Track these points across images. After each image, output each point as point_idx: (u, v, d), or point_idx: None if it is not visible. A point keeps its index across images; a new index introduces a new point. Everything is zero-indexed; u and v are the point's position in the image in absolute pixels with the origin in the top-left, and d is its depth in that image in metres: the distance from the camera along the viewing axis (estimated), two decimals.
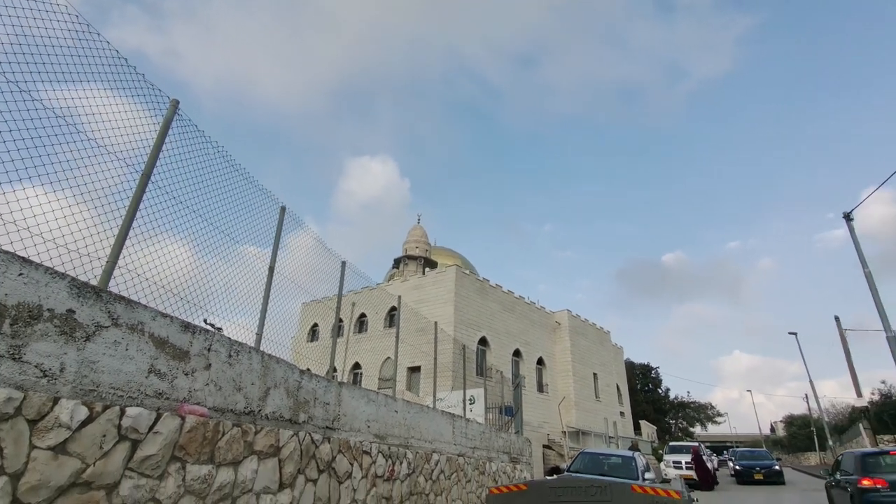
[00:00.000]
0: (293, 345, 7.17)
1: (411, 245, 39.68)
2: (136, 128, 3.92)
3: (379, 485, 6.21)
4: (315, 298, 7.33)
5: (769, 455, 23.46)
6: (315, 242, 7.21)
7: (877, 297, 16.34)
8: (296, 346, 7.47)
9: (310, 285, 6.75)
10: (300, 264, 6.59)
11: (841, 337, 20.83)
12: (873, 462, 9.84)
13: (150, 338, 3.52)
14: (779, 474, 20.36)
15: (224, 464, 3.70)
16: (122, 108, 3.78)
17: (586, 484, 4.74)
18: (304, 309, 18.24)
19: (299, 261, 6.58)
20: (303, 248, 6.81)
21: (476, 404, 16.70)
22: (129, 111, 3.89)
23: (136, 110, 3.99)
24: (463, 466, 9.38)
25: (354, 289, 11.16)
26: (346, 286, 7.94)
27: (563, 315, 36.91)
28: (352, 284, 8.23)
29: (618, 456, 11.05)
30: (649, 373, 61.23)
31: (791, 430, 51.24)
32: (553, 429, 28.33)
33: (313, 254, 7.05)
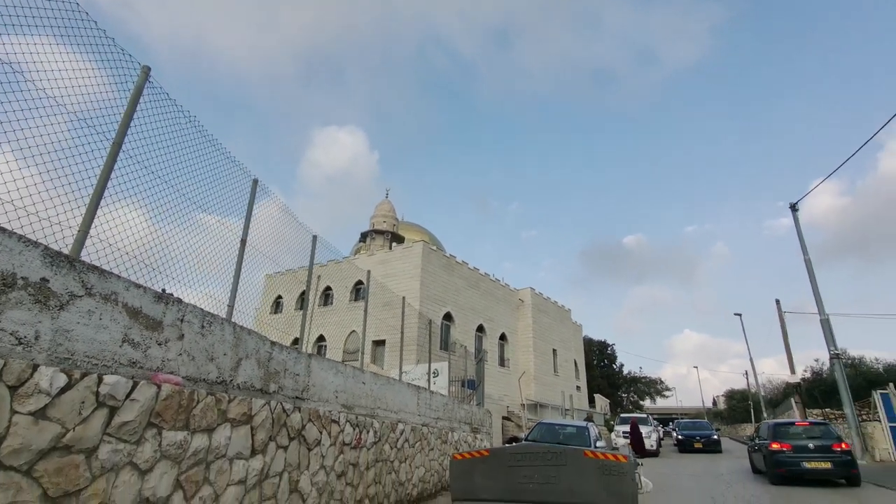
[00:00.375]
0: (256, 316, 7.08)
1: (379, 219, 39.45)
2: (105, 94, 3.83)
3: (346, 452, 6.44)
4: (279, 270, 7.16)
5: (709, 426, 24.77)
6: (281, 213, 7.01)
7: (814, 283, 17.63)
8: (259, 318, 7.41)
9: (275, 256, 6.57)
10: (265, 234, 6.36)
11: (780, 319, 22.40)
12: (782, 430, 12.02)
13: (124, 308, 3.54)
14: (716, 443, 21.88)
15: (199, 430, 3.81)
16: (91, 74, 3.68)
17: (543, 450, 5.11)
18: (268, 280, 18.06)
19: (264, 231, 6.36)
20: (268, 219, 6.56)
21: (440, 377, 17.16)
22: (98, 76, 3.79)
23: (105, 76, 3.89)
24: (426, 436, 9.75)
25: (320, 262, 11.15)
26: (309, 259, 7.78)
27: (527, 293, 37.87)
28: (318, 257, 8.12)
29: (572, 426, 11.74)
30: (606, 349, 63.92)
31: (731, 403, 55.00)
32: (513, 401, 29.40)
33: (279, 224, 6.82)
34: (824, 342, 17.59)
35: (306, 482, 5.42)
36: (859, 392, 20.54)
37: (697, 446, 21.73)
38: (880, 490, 10.33)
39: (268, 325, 8.62)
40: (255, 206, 6.24)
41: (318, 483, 5.66)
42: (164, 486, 3.44)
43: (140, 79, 4.09)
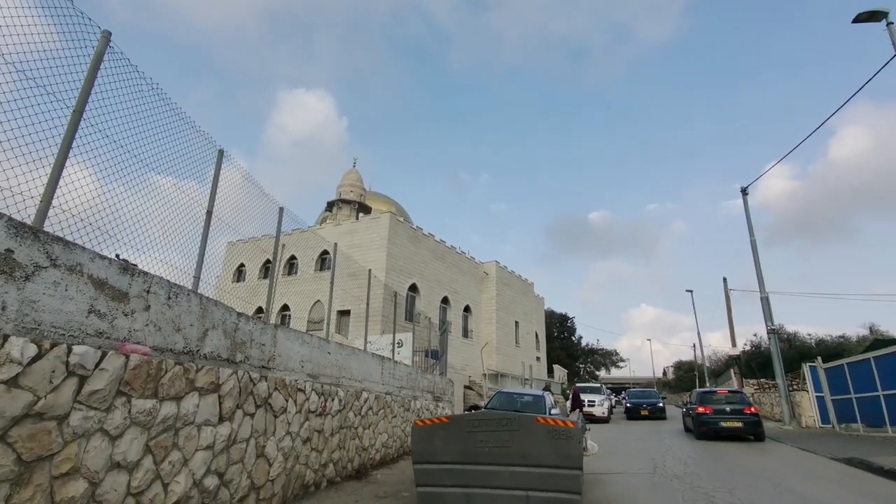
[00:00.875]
0: (217, 284, 6.96)
1: (346, 189, 38.89)
2: (63, 59, 3.72)
3: (312, 419, 6.66)
4: (241, 238, 7.05)
5: (656, 395, 25.63)
6: (244, 180, 6.75)
7: (758, 263, 18.79)
8: (220, 286, 7.29)
9: (237, 224, 6.39)
10: (227, 202, 6.13)
11: (725, 295, 23.85)
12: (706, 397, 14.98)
13: (89, 279, 3.56)
14: (661, 410, 23.11)
15: (167, 399, 3.92)
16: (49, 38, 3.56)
17: (498, 417, 5.47)
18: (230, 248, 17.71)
19: (226, 199, 6.13)
20: (230, 185, 6.29)
21: (404, 348, 17.53)
22: (55, 40, 3.67)
23: (62, 40, 3.76)
24: (390, 404, 10.09)
25: (285, 230, 11.08)
26: (275, 228, 7.68)
27: (492, 266, 38.54)
28: (283, 226, 7.95)
29: (529, 395, 12.33)
30: (566, 322, 66.16)
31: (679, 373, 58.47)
32: (475, 371, 30.31)
33: (242, 192, 6.60)
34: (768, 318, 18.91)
35: (273, 448, 5.62)
36: (792, 364, 22.31)
37: (644, 413, 22.86)
38: (777, 444, 12.53)
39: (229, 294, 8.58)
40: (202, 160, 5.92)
41: (284, 448, 5.87)
42: (134, 451, 3.57)
43: (100, 44, 3.98)
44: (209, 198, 5.52)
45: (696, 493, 6.70)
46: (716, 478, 7.91)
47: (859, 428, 14.27)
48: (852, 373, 14.78)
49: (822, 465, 9.47)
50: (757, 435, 13.61)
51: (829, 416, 16.32)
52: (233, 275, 31.38)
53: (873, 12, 10.00)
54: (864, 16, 10.12)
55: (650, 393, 25.85)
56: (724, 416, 13.74)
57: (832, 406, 16.22)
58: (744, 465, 9.31)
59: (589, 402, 21.62)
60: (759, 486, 7.23)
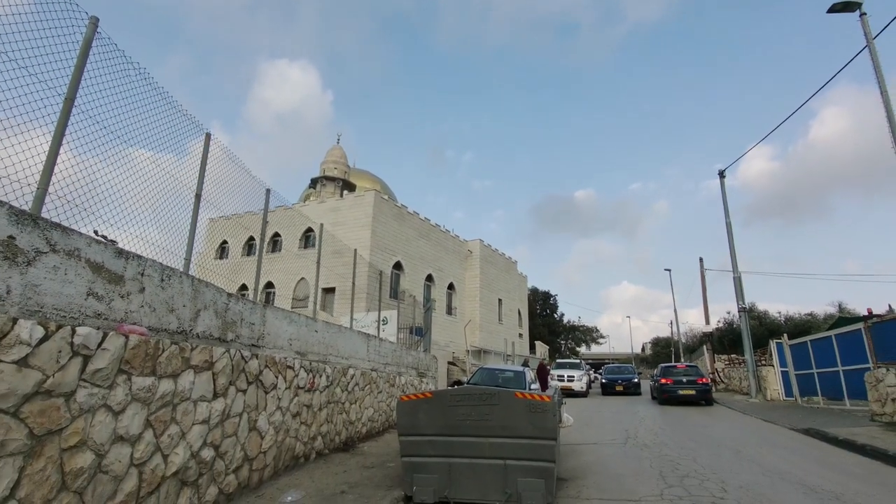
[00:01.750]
0: (199, 261, 6.93)
1: (329, 166, 38.52)
2: (52, 46, 3.76)
3: (301, 395, 6.92)
4: (223, 214, 7.03)
5: (632, 370, 25.33)
6: (226, 156, 6.56)
7: (731, 244, 19.40)
8: (202, 263, 7.24)
9: (219, 201, 6.29)
10: (209, 179, 5.98)
11: (701, 275, 24.62)
12: (668, 370, 18.36)
13: (87, 263, 3.69)
14: (636, 386, 23.01)
15: (165, 376, 4.11)
16: (36, 26, 3.60)
17: (479, 392, 5.79)
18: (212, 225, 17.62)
19: (208, 175, 5.98)
20: (213, 161, 6.16)
21: (389, 325, 17.83)
22: (42, 26, 3.70)
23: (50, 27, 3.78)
24: (375, 380, 10.42)
25: (269, 208, 11.13)
26: (258, 205, 7.67)
27: (476, 244, 38.89)
28: (263, 203, 7.84)
29: (511, 371, 12.79)
30: (549, 300, 67.32)
31: (656, 349, 60.29)
32: (458, 348, 30.92)
33: (223, 168, 6.46)
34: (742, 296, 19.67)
35: (264, 422, 5.88)
36: (762, 341, 23.32)
37: (619, 389, 22.76)
38: (743, 416, 13.87)
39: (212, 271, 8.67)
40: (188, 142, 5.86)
41: (274, 422, 6.14)
42: (136, 425, 3.78)
43: (88, 30, 4.01)
44: (197, 181, 5.61)
45: (662, 461, 7.20)
46: (682, 447, 8.46)
47: (820, 401, 15.14)
48: (815, 349, 15.60)
49: (782, 434, 10.14)
50: (707, 400, 17.05)
51: (793, 390, 17.24)
52: (215, 252, 31.19)
53: (847, 3, 10.23)
54: (838, 6, 10.36)
55: (626, 369, 25.71)
56: (681, 386, 17.12)
57: (795, 380, 17.12)
58: (710, 435, 9.92)
59: (568, 377, 22.38)
60: (721, 454, 7.77)
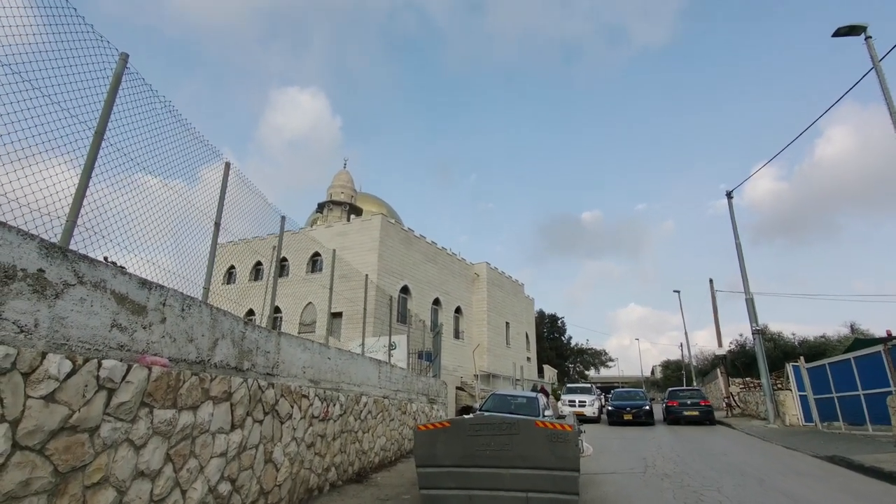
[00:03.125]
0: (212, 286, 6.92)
1: (336, 190, 38.91)
2: (83, 81, 3.85)
3: (315, 424, 6.82)
4: (231, 240, 7.04)
5: (643, 395, 21.58)
6: (238, 181, 6.57)
7: (742, 265, 19.25)
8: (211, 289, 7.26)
9: (228, 225, 6.24)
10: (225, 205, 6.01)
11: (711, 296, 24.39)
12: (674, 393, 21.60)
13: (112, 294, 3.69)
14: (648, 415, 19.18)
15: (185, 408, 4.06)
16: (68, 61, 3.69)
17: (499, 421, 5.68)
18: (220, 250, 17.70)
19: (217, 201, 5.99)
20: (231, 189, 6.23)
21: (398, 350, 17.69)
22: (74, 61, 3.80)
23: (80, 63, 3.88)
24: (387, 407, 10.27)
25: (276, 233, 11.15)
26: (266, 229, 7.64)
27: (482, 267, 38.84)
28: (272, 228, 7.94)
29: (523, 397, 12.59)
30: (556, 322, 66.78)
31: (667, 372, 59.29)
32: (466, 372, 30.55)
33: (236, 192, 6.43)
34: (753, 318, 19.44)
35: (279, 453, 5.77)
36: (777, 363, 22.88)
37: (627, 418, 19.07)
38: (763, 442, 13.61)
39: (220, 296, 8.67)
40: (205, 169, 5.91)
41: (290, 453, 6.02)
42: (157, 459, 3.71)
43: (118, 66, 4.12)
44: (217, 210, 5.65)
45: (685, 492, 6.98)
46: (704, 476, 8.21)
47: (841, 426, 14.74)
48: (834, 372, 15.26)
49: (805, 462, 9.84)
50: (710, 421, 19.50)
51: (812, 415, 16.81)
52: (223, 276, 31.31)
53: (853, 27, 10.39)
54: (843, 30, 10.51)
55: (636, 394, 21.80)
56: (686, 407, 19.79)
57: (815, 405, 16.71)
58: (731, 463, 9.65)
59: (580, 403, 21.98)
60: (745, 484, 7.53)
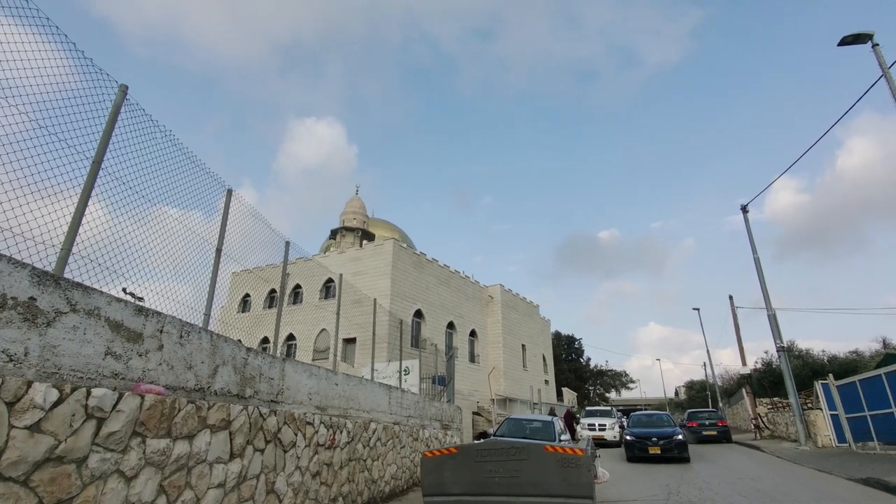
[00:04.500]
0: (222, 315, 7.04)
1: (349, 216, 39.30)
2: (81, 110, 3.92)
3: (321, 452, 6.66)
4: (246, 268, 7.06)
5: (670, 420, 16.52)
6: (249, 212, 6.75)
7: (762, 281, 18.74)
8: (225, 318, 7.43)
9: (242, 255, 6.44)
10: (232, 234, 6.14)
11: (732, 314, 23.72)
12: (693, 414, 23.91)
13: (106, 321, 3.68)
14: (682, 447, 14.05)
15: (180, 437, 3.98)
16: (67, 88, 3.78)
17: (507, 446, 5.48)
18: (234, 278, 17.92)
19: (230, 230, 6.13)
20: (236, 217, 6.34)
21: (411, 375, 17.47)
22: (73, 90, 3.88)
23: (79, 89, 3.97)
24: (398, 434, 10.04)
25: (289, 260, 11.24)
26: (279, 257, 7.76)
27: (496, 289, 38.52)
28: (288, 256, 8.02)
29: (539, 421, 12.23)
30: (573, 343, 65.61)
31: (691, 393, 57.44)
32: (482, 396, 29.98)
33: (246, 223, 6.59)
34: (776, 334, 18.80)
35: (282, 483, 5.62)
36: (805, 382, 21.98)
37: (654, 452, 14.16)
38: (794, 465, 13.09)
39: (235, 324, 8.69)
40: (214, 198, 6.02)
41: (293, 483, 5.87)
42: (149, 491, 3.62)
43: (118, 97, 4.20)
44: (218, 236, 5.68)
45: None
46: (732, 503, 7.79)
47: (875, 446, 13.98)
48: (865, 389, 14.57)
49: (839, 486, 9.30)
50: (727, 439, 21.68)
51: (845, 435, 16.00)
52: (238, 305, 31.53)
53: (858, 35, 10.26)
54: (849, 39, 10.38)
55: (660, 418, 16.86)
56: (704, 427, 22.06)
57: (847, 424, 15.92)
58: (761, 489, 9.15)
59: (599, 426, 21.30)
60: None
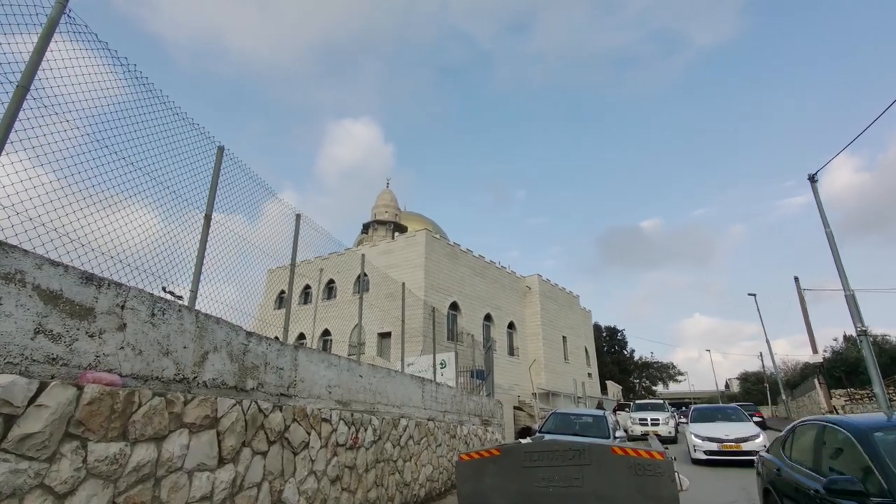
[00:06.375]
0: (259, 313, 6.94)
1: (380, 210, 38.73)
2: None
3: (341, 454, 5.74)
4: (281, 265, 6.98)
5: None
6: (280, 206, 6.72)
7: (837, 257, 16.63)
8: (262, 315, 7.20)
9: (276, 251, 6.44)
10: (265, 231, 6.25)
11: (799, 296, 21.50)
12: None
13: (36, 290, 2.82)
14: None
15: (142, 440, 3.10)
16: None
17: (563, 447, 4.37)
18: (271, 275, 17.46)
19: (265, 228, 6.25)
20: (272, 215, 6.49)
21: (447, 368, 16.48)
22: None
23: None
24: (433, 431, 9.07)
25: (322, 254, 10.51)
26: (315, 251, 7.65)
27: (534, 279, 37.07)
28: (321, 250, 7.99)
29: (589, 415, 11.01)
30: (616, 335, 63.10)
31: (746, 385, 54.07)
32: (523, 391, 28.76)
33: (281, 219, 6.61)
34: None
35: (292, 491, 4.72)
36: (885, 370, 19.68)
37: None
38: None
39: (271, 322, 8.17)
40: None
41: (306, 491, 4.97)
42: None
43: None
44: (207, 201, 4.80)
45: None
46: None
47: None
48: None
49: None
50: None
51: None
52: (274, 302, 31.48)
53: None
54: None
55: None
56: None
57: None
58: None
59: (652, 421, 19.73)
60: None
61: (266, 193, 6.15)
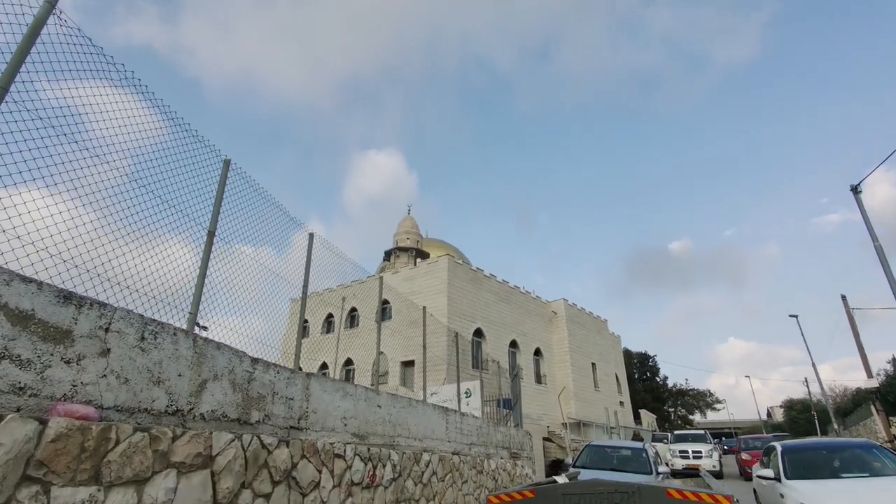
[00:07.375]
0: (283, 343, 6.85)
1: (402, 236, 38.65)
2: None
3: (356, 494, 5.21)
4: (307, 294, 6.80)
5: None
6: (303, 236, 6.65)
7: (888, 270, 15.47)
8: (285, 345, 7.00)
9: (299, 279, 6.39)
10: (293, 261, 6.35)
11: (848, 316, 20.08)
12: None
13: (2, 310, 2.49)
14: None
15: (118, 483, 2.68)
16: None
17: (608, 488, 3.77)
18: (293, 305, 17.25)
19: (290, 258, 6.34)
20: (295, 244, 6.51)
21: (472, 397, 15.75)
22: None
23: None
24: (458, 466, 8.42)
25: (344, 282, 10.19)
26: (337, 279, 7.59)
27: (560, 304, 36.06)
28: (344, 278, 7.93)
29: (627, 448, 10.16)
30: (647, 361, 60.70)
31: (791, 413, 50.85)
32: (553, 421, 27.51)
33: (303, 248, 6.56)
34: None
35: None
36: None
37: None
38: None
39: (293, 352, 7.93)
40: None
41: None
42: None
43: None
44: (212, 217, 4.49)
45: None
46: None
47: None
48: None
49: None
50: None
51: None
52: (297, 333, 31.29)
53: None
54: None
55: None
56: None
57: None
58: None
59: (694, 454, 18.40)
60: None
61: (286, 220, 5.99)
